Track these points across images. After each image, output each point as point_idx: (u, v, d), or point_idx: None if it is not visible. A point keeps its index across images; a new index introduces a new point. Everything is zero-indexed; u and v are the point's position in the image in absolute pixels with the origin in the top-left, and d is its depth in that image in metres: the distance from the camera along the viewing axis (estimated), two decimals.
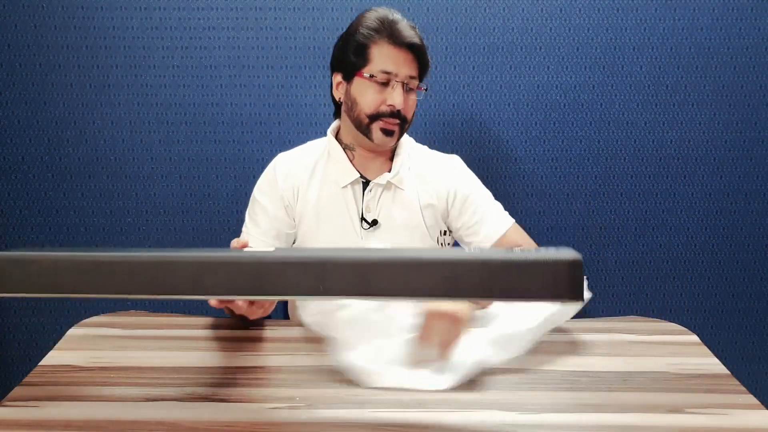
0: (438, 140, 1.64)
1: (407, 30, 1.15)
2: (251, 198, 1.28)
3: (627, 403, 0.87)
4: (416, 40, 1.15)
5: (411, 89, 1.19)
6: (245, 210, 1.69)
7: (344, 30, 1.21)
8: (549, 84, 1.63)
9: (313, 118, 1.64)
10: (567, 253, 0.80)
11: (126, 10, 1.56)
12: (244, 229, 1.28)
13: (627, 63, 1.61)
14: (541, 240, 1.72)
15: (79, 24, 1.57)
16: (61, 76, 1.60)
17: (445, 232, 1.30)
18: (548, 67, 1.61)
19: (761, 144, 1.67)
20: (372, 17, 1.17)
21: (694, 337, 1.09)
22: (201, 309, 1.77)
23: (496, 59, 1.61)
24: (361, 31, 1.16)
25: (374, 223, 1.23)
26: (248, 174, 1.67)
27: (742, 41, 1.60)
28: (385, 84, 1.16)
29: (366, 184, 1.24)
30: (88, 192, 1.68)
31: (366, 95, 1.17)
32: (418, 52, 1.16)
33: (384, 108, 1.17)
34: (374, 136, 1.19)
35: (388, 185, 1.24)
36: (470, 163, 1.38)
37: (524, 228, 1.79)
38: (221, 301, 0.95)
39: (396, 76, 1.15)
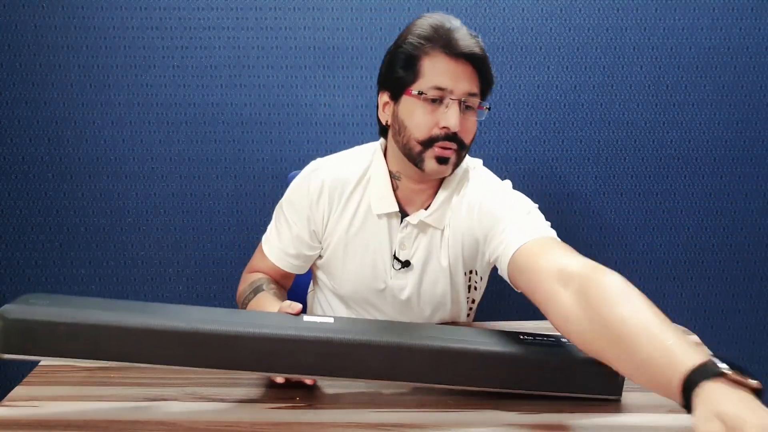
0: None
1: (466, 38, 0.98)
2: (280, 204, 1.17)
3: (627, 403, 0.87)
4: (476, 49, 0.98)
5: (470, 108, 1.01)
6: (245, 210, 1.69)
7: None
8: (549, 84, 1.63)
9: (313, 118, 1.64)
10: None
11: (126, 10, 1.56)
12: (267, 235, 1.18)
13: (627, 63, 1.61)
14: None
15: (79, 24, 1.57)
16: (62, 76, 1.60)
17: (476, 271, 1.15)
18: (548, 67, 1.61)
19: (761, 144, 1.67)
20: (424, 24, 1.00)
21: (695, 337, 1.09)
22: None
23: (496, 59, 1.61)
24: (410, 40, 0.99)
25: (407, 264, 1.11)
26: (248, 174, 1.67)
27: (742, 41, 1.60)
28: (438, 102, 0.99)
29: (404, 216, 1.10)
30: (88, 192, 1.68)
31: (415, 117, 0.99)
32: (479, 65, 0.99)
33: (437, 131, 0.99)
34: (426, 166, 1.01)
35: (421, 225, 1.09)
36: None
37: None
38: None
39: (451, 92, 0.98)
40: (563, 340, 0.89)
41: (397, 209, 1.09)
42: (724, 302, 1.78)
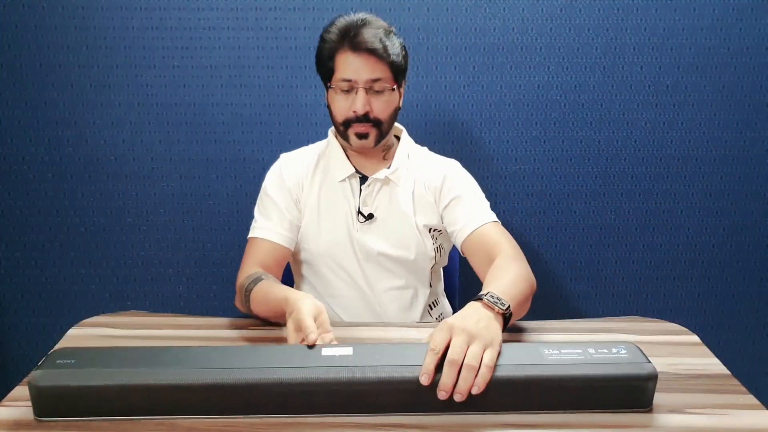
0: (438, 140, 1.64)
1: (368, 35, 1.17)
2: (260, 196, 1.30)
3: None
4: (376, 44, 1.16)
5: (378, 92, 1.20)
6: (245, 210, 1.69)
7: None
8: (549, 84, 1.63)
9: (313, 118, 1.64)
10: (641, 365, 0.84)
11: (126, 10, 1.56)
12: (254, 225, 1.28)
13: (627, 63, 1.61)
14: (541, 240, 1.73)
15: (79, 24, 1.57)
16: (61, 76, 1.60)
17: (437, 230, 1.30)
18: (548, 67, 1.61)
19: (761, 144, 1.67)
20: (335, 28, 1.20)
21: (695, 337, 1.09)
22: (201, 309, 1.78)
23: (496, 59, 1.61)
24: (325, 42, 1.21)
25: (370, 216, 1.26)
26: (248, 174, 1.67)
27: (742, 41, 1.60)
28: (350, 91, 1.19)
29: (363, 179, 1.28)
30: (88, 192, 1.68)
31: (335, 105, 1.22)
32: (378, 55, 1.17)
33: (350, 114, 1.20)
34: (351, 141, 1.23)
35: (386, 180, 1.27)
36: (470, 163, 1.38)
37: (524, 228, 1.79)
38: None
39: (356, 82, 1.18)
40: (590, 350, 0.87)
41: (354, 171, 1.28)
42: (724, 302, 1.78)
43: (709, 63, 1.61)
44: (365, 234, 1.27)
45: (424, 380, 0.80)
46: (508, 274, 1.06)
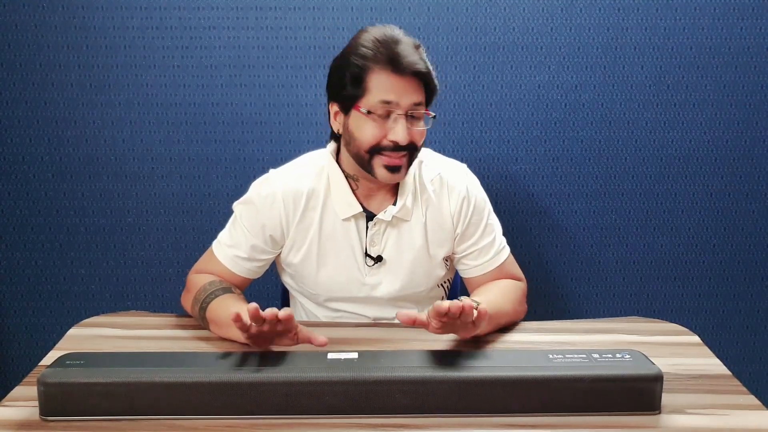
0: (439, 140, 1.64)
1: (410, 54, 1.02)
2: (234, 216, 1.19)
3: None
4: (420, 66, 1.03)
5: (416, 118, 1.06)
6: None
7: (340, 50, 1.10)
8: (550, 84, 1.63)
9: (314, 117, 1.63)
10: (646, 366, 0.85)
11: (126, 10, 1.56)
12: (220, 240, 1.19)
13: (628, 63, 1.61)
14: (541, 240, 1.72)
15: (80, 23, 1.57)
16: (62, 75, 1.60)
17: (447, 258, 1.22)
18: (549, 67, 1.61)
19: (762, 144, 1.67)
20: (367, 40, 1.04)
21: (695, 338, 1.09)
22: None
23: (497, 59, 1.61)
24: (355, 57, 1.03)
25: (379, 259, 1.16)
26: (248, 174, 1.67)
27: (742, 41, 1.60)
28: (386, 116, 1.04)
29: (369, 216, 1.14)
30: (88, 192, 1.68)
31: (364, 131, 1.05)
32: (422, 78, 1.04)
33: (386, 142, 1.05)
34: (377, 173, 1.07)
35: (393, 221, 1.15)
36: (471, 163, 1.37)
37: (524, 228, 1.79)
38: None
39: (398, 105, 1.03)
40: (594, 355, 0.87)
41: (361, 209, 1.14)
42: (724, 302, 1.78)
43: (710, 63, 1.61)
44: (375, 278, 1.17)
45: (403, 318, 0.90)
46: (493, 289, 1.15)
